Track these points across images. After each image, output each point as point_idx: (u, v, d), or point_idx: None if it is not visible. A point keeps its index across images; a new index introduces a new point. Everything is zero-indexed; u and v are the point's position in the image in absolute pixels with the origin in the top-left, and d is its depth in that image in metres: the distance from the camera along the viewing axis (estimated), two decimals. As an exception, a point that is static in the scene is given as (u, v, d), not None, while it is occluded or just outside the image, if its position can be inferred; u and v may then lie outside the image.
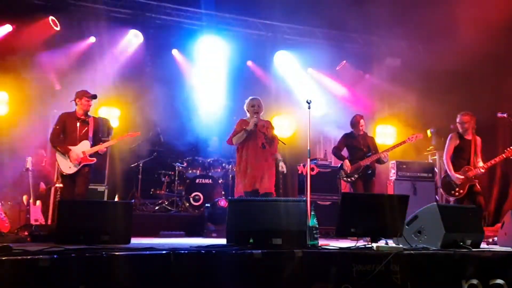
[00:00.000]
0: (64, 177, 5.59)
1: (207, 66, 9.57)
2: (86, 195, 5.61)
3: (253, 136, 5.57)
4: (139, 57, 9.10)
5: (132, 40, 9.12)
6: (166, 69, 9.02)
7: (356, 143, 6.63)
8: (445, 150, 6.14)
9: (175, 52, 9.52)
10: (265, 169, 5.53)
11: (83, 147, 5.57)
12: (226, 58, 9.61)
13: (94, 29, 8.46)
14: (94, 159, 5.62)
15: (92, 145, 5.64)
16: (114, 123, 8.48)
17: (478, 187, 5.94)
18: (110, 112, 8.70)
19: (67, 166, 5.50)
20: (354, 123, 6.71)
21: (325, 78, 10.04)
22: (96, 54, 8.37)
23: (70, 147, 5.51)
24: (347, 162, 6.47)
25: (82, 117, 5.67)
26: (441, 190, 6.43)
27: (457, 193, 5.95)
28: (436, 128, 8.84)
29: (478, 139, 6.07)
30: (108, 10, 8.75)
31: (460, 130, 6.08)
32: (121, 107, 8.79)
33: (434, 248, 3.78)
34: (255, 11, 9.24)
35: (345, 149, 6.77)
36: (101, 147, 5.67)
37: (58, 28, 8.47)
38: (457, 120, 6.10)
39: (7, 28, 8.05)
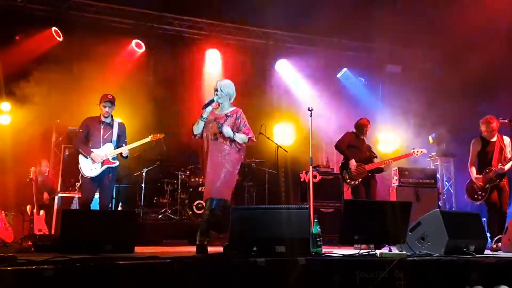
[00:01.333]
0: (85, 180, 5.49)
1: (209, 74, 9.61)
2: (108, 206, 5.69)
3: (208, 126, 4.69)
4: (142, 66, 9.16)
5: (135, 50, 9.20)
6: (168, 78, 9.07)
7: (359, 145, 6.48)
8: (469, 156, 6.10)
9: (177, 61, 9.58)
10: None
11: (106, 150, 5.56)
12: (227, 67, 9.66)
13: (96, 40, 8.54)
14: (116, 161, 5.60)
15: (115, 148, 5.63)
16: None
17: (503, 186, 5.81)
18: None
19: (89, 169, 5.46)
20: (361, 125, 6.54)
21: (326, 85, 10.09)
22: (99, 64, 8.42)
23: (92, 150, 5.50)
24: (353, 162, 6.24)
25: (106, 120, 5.67)
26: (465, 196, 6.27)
27: (479, 197, 5.90)
28: (437, 134, 8.86)
29: (507, 139, 5.98)
30: (109, 20, 8.84)
31: (483, 134, 6.03)
32: (124, 116, 8.82)
33: (437, 255, 3.78)
34: (256, 20, 9.31)
35: None
36: (124, 149, 5.64)
37: (60, 39, 8.56)
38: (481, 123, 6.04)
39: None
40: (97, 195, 5.67)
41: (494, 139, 5.97)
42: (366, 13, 8.00)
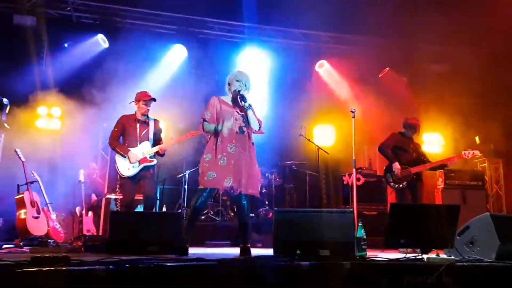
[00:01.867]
0: (124, 180, 5.43)
1: (250, 77, 9.66)
2: (154, 197, 5.60)
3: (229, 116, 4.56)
4: (184, 71, 9.33)
5: (177, 54, 9.38)
6: (210, 81, 9.19)
7: (406, 147, 6.23)
8: None
9: (218, 64, 9.69)
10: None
11: (143, 148, 5.46)
12: (268, 69, 9.70)
13: (140, 46, 8.78)
14: (154, 160, 5.50)
15: (152, 146, 5.53)
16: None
17: None
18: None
19: (126, 168, 5.37)
20: (412, 125, 6.30)
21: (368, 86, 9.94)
22: (143, 69, 8.66)
23: (129, 148, 5.41)
24: (397, 164, 6.03)
25: (142, 118, 5.58)
26: None
27: None
28: (483, 134, 8.57)
29: None
30: (153, 26, 9.07)
31: None
32: (167, 120, 9.02)
33: (488, 260, 3.65)
34: (295, 21, 9.30)
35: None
36: (161, 147, 5.51)
37: (107, 46, 8.85)
38: None
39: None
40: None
41: None
42: (409, 11, 7.83)
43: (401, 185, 6.05)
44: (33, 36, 8.16)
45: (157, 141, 5.63)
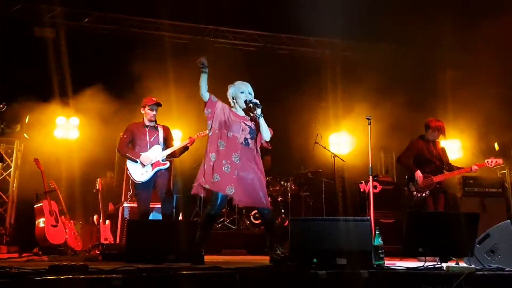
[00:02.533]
0: (138, 185, 5.38)
1: (265, 86, 9.68)
2: (171, 191, 5.57)
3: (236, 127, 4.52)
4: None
5: (192, 63, 9.44)
6: (225, 89, 9.23)
7: (428, 153, 5.92)
8: None
9: (233, 73, 9.72)
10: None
11: (155, 152, 5.44)
12: (283, 77, 9.70)
13: (156, 56, 8.88)
14: (167, 162, 5.47)
15: (163, 149, 5.52)
16: (176, 143, 8.77)
17: None
18: (173, 134, 9.00)
19: (139, 173, 5.33)
20: (435, 127, 5.92)
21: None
22: (159, 79, 8.73)
23: (140, 153, 5.39)
24: (419, 172, 5.78)
25: (150, 124, 5.58)
26: None
27: None
28: (503, 140, 8.42)
29: None
30: (169, 36, 9.18)
31: None
32: (183, 128, 9.08)
33: (509, 269, 3.57)
34: (311, 29, 9.31)
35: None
36: (173, 149, 5.52)
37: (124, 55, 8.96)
38: None
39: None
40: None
41: None
42: (423, 18, 7.78)
43: (424, 194, 5.81)
44: (52, 47, 8.31)
45: (167, 146, 5.60)
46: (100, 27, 9.07)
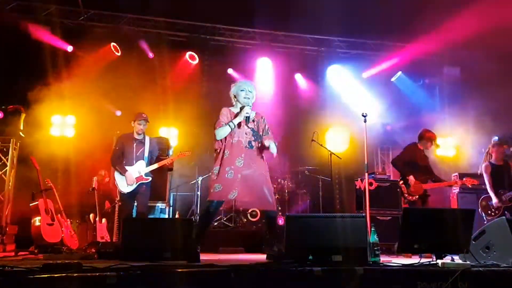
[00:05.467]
0: (122, 195, 5.84)
1: (262, 83, 9.69)
2: (146, 213, 5.95)
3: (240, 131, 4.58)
4: (195, 77, 9.38)
5: (188, 61, 9.44)
6: (221, 88, 9.21)
7: (420, 160, 6.35)
8: None
9: (230, 71, 9.72)
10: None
11: (139, 167, 5.85)
12: (280, 75, 9.70)
13: (153, 53, 8.87)
14: (149, 178, 5.89)
15: (147, 165, 5.91)
16: (174, 141, 8.77)
17: None
18: (170, 132, 9.04)
19: (125, 185, 5.78)
20: (427, 138, 6.38)
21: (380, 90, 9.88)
22: (155, 76, 8.72)
23: (127, 168, 5.79)
24: (412, 178, 6.18)
25: (138, 138, 5.96)
26: None
27: None
28: (499, 138, 8.43)
29: None
30: (165, 34, 9.15)
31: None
32: (179, 126, 9.07)
33: (505, 265, 3.57)
34: (307, 26, 9.30)
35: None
36: (153, 167, 5.93)
37: (119, 54, 8.94)
38: None
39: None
40: None
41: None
42: (421, 14, 7.77)
43: (414, 198, 6.22)
44: (47, 45, 8.28)
45: (152, 158, 6.02)
46: (94, 25, 9.03)
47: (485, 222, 6.05)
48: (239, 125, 4.55)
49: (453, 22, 7.59)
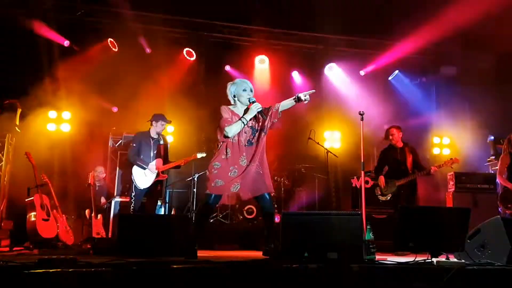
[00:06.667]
0: (137, 190, 6.03)
1: (259, 80, 9.68)
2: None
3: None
4: (193, 74, 9.35)
5: (186, 58, 9.41)
6: (219, 85, 9.19)
7: (394, 158, 6.45)
8: None
9: (227, 68, 9.70)
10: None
11: (157, 164, 6.10)
12: (277, 72, 9.69)
13: (151, 49, 8.83)
14: (166, 175, 6.28)
15: (164, 163, 6.17)
16: (169, 138, 8.74)
17: None
18: (166, 129, 9.01)
19: (143, 181, 6.01)
20: (386, 135, 6.61)
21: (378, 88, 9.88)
22: (151, 73, 8.69)
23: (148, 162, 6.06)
24: (382, 178, 6.38)
25: (155, 137, 6.20)
26: None
27: None
28: (495, 136, 8.47)
29: None
30: (161, 30, 9.11)
31: None
32: (176, 123, 9.05)
33: (499, 264, 3.59)
34: (305, 24, 9.29)
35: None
36: (171, 165, 6.23)
37: (116, 50, 8.90)
38: None
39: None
40: None
41: None
42: (418, 14, 7.79)
43: (386, 197, 6.43)
44: (44, 39, 8.24)
45: (167, 157, 6.30)
46: (91, 20, 8.98)
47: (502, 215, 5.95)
48: (238, 117, 4.47)
49: (449, 17, 7.59)
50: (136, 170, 6.04)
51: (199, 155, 6.57)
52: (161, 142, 6.24)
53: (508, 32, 7.30)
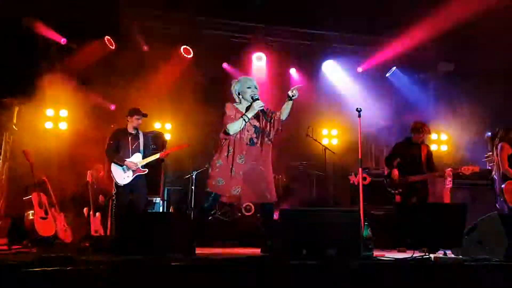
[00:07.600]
0: (119, 187, 6.02)
1: (257, 77, 9.65)
2: (144, 206, 6.18)
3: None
4: (190, 72, 9.32)
5: (183, 55, 9.38)
6: (216, 82, 9.19)
7: (411, 153, 6.33)
8: None
9: (225, 65, 9.69)
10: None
11: (136, 159, 6.06)
12: (275, 69, 9.68)
13: (147, 46, 8.80)
14: (146, 170, 6.11)
15: (143, 157, 6.13)
16: (167, 136, 8.74)
17: None
18: (164, 126, 9.03)
19: (122, 177, 5.97)
20: (415, 129, 6.37)
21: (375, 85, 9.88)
22: (149, 70, 8.66)
23: (125, 159, 6.01)
24: (395, 171, 6.24)
25: (133, 132, 6.17)
26: None
27: None
28: (493, 132, 8.48)
29: None
30: (159, 27, 9.08)
31: None
32: (173, 120, 9.05)
33: (496, 260, 3.61)
34: (302, 21, 9.27)
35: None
36: (150, 159, 6.13)
37: (113, 47, 8.87)
38: None
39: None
40: None
41: None
42: (416, 10, 7.79)
43: (396, 191, 6.25)
44: (41, 37, 8.21)
45: (147, 152, 6.22)
46: (90, 17, 8.92)
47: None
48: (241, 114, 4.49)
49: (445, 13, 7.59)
50: (114, 167, 6.03)
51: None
52: (140, 136, 6.22)
53: (506, 28, 7.29)
